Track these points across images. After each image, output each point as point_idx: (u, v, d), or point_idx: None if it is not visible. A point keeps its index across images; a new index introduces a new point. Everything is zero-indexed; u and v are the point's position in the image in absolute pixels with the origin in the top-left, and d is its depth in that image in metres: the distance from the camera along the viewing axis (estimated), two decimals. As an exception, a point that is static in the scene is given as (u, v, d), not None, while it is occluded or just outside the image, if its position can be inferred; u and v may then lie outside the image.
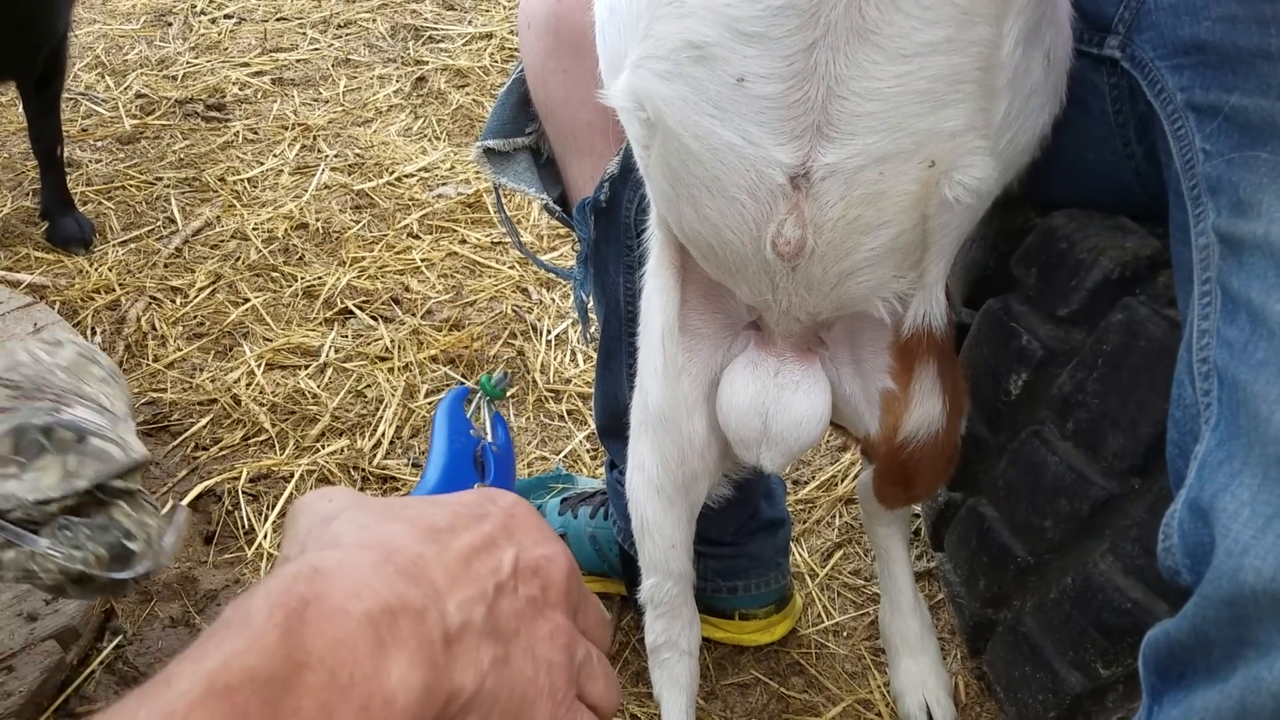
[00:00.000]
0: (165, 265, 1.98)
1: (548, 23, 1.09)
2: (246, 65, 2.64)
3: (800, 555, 1.50)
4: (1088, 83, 0.91)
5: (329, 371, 1.77)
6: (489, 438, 0.91)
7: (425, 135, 2.38)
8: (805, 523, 1.56)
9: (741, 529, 1.31)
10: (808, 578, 1.48)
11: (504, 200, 1.29)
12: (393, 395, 1.71)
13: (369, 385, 1.74)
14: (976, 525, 1.18)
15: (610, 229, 1.13)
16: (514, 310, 1.90)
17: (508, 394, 0.91)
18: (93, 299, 1.88)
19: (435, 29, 2.74)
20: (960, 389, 1.06)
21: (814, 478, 1.62)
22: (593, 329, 1.24)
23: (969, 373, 1.15)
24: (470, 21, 2.78)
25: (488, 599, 0.52)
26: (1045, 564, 1.09)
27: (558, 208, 1.19)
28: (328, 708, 0.43)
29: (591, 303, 1.22)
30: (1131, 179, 0.93)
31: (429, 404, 1.71)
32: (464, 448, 0.79)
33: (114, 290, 1.90)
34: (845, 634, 1.41)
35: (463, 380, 1.75)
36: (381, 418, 1.67)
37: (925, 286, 0.90)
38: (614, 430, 1.23)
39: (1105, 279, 0.96)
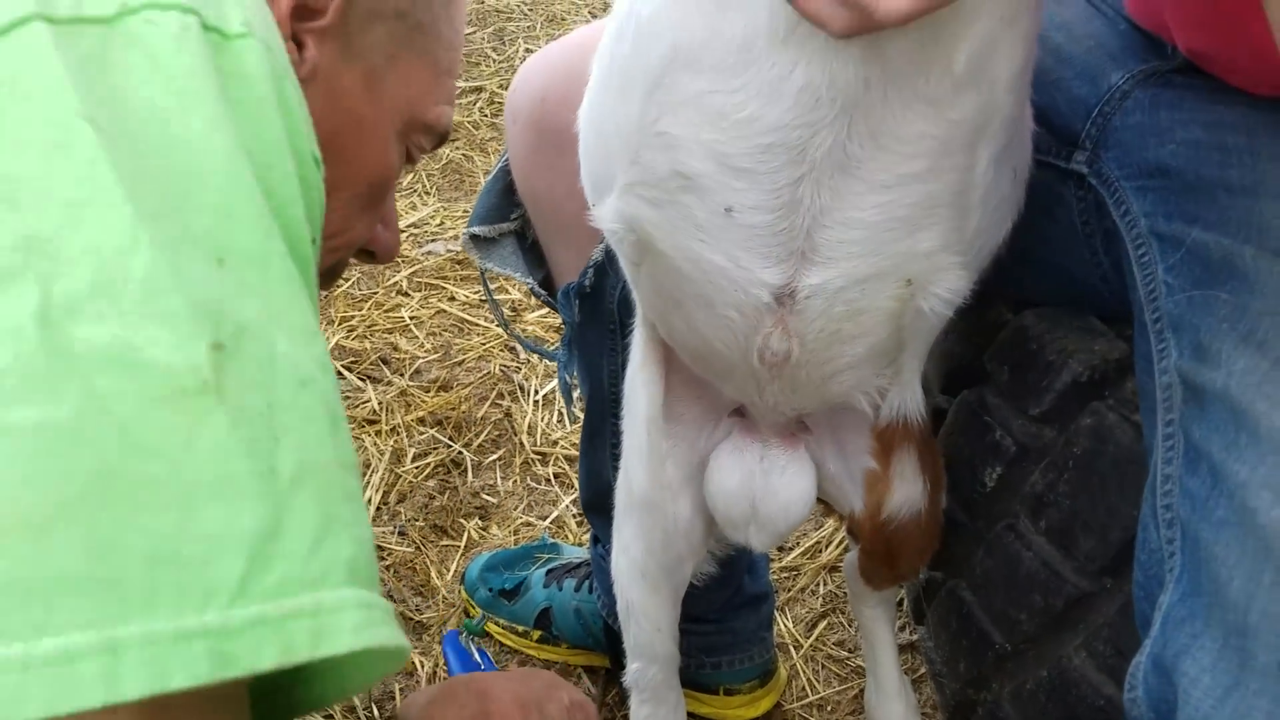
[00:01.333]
0: (156, 325, 1.99)
1: (532, 120, 1.11)
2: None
3: (784, 625, 1.52)
4: (1056, 194, 0.94)
5: (318, 436, 1.78)
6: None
7: (415, 191, 2.40)
8: (789, 590, 1.57)
9: (725, 605, 1.32)
10: (792, 649, 1.49)
11: (490, 282, 1.31)
12: (380, 460, 1.72)
13: (358, 449, 1.75)
14: (956, 608, 1.19)
15: (595, 313, 1.15)
16: (501, 370, 1.91)
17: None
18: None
19: (426, 79, 2.77)
20: (940, 470, 1.08)
21: (798, 544, 1.63)
22: (577, 407, 1.26)
23: (946, 459, 1.17)
24: (462, 75, 2.80)
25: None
26: (1022, 653, 1.10)
27: (543, 291, 1.21)
28: None
29: (576, 383, 1.24)
30: (1100, 285, 0.95)
31: (416, 468, 1.72)
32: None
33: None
34: (829, 708, 1.42)
35: (450, 442, 1.77)
36: (369, 483, 1.69)
37: (901, 383, 0.94)
38: (598, 507, 1.24)
39: (1074, 381, 0.97)
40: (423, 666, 1.45)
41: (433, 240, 2.23)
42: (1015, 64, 0.74)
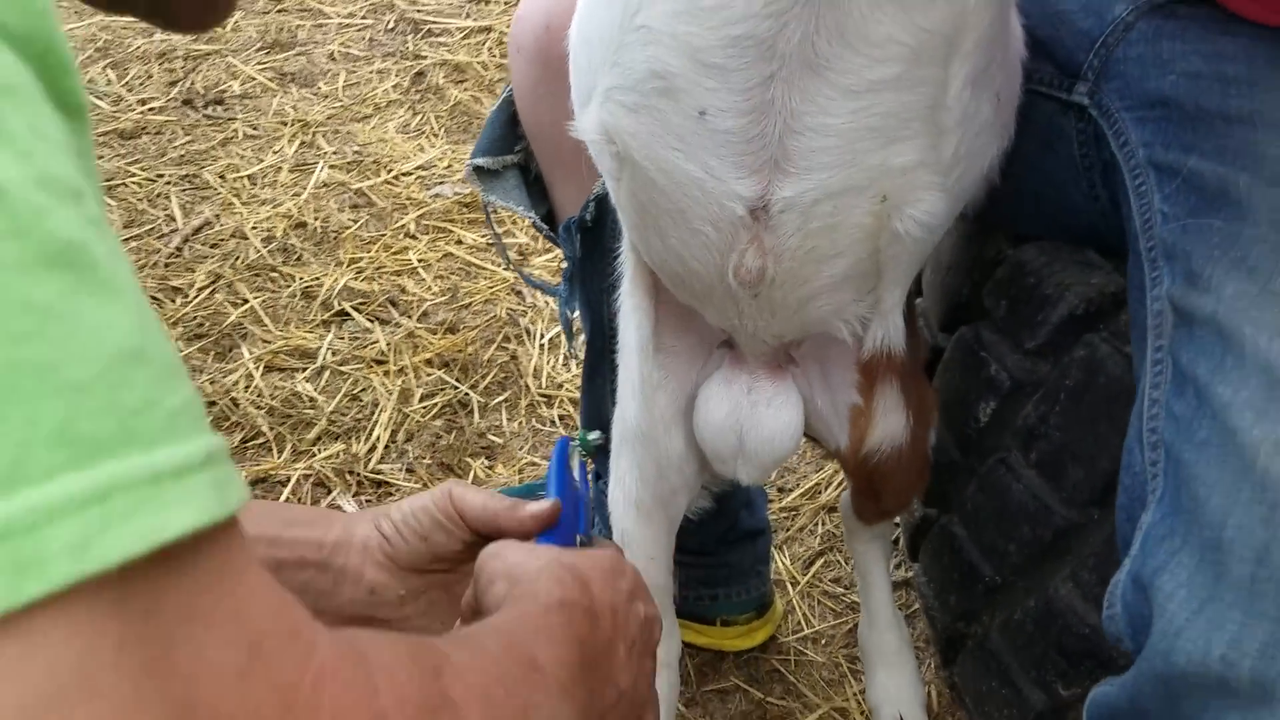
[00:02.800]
0: (166, 265, 2.01)
1: (536, 49, 1.12)
2: (248, 59, 2.66)
3: (782, 562, 1.54)
4: (1056, 126, 0.94)
5: (326, 375, 1.80)
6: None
7: (423, 132, 2.40)
8: (788, 530, 1.59)
9: (721, 539, 1.35)
10: (789, 585, 1.51)
11: (493, 215, 1.32)
12: (388, 399, 1.74)
13: (364, 389, 1.77)
14: (948, 543, 1.22)
15: (595, 247, 1.16)
16: (508, 313, 1.93)
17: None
18: (94, 298, 1.91)
19: (434, 23, 2.75)
20: (928, 406, 1.09)
21: (798, 485, 1.65)
22: (578, 343, 1.27)
23: (942, 396, 1.18)
24: (469, 15, 2.79)
25: (630, 638, 0.70)
26: (1011, 585, 1.12)
27: (544, 225, 1.22)
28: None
29: (578, 318, 1.25)
30: (1097, 220, 0.96)
31: (423, 408, 1.74)
32: (568, 489, 0.87)
33: (115, 290, 1.93)
34: (824, 642, 1.45)
35: (456, 384, 1.79)
36: (376, 422, 1.71)
37: (882, 313, 0.94)
38: (600, 443, 1.26)
39: (1070, 314, 0.99)
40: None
41: (440, 183, 2.24)
42: None
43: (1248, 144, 0.73)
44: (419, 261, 2.05)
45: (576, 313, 1.25)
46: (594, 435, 1.15)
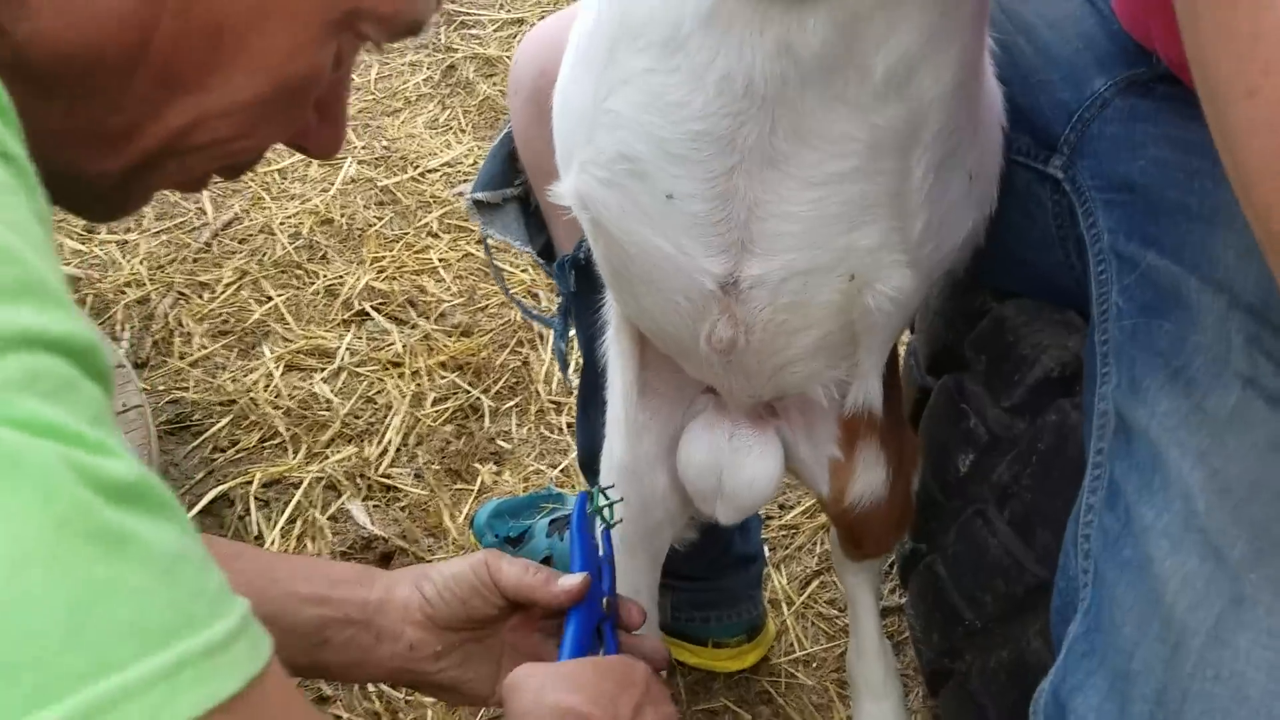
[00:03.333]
0: (194, 260, 2.06)
1: (531, 92, 1.13)
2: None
3: (778, 582, 1.56)
4: (1034, 196, 0.94)
5: (343, 376, 1.84)
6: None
7: (451, 128, 2.42)
8: (786, 549, 1.61)
9: (713, 564, 1.37)
10: (784, 605, 1.54)
11: (494, 247, 1.35)
12: (401, 402, 1.78)
13: (379, 391, 1.81)
14: (932, 582, 1.23)
15: (589, 284, 1.18)
16: (523, 317, 1.95)
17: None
18: (124, 293, 1.97)
19: (468, 14, 2.76)
20: (910, 455, 1.11)
21: (799, 503, 1.67)
22: (573, 374, 1.29)
23: (927, 439, 1.19)
24: (502, 6, 2.80)
25: None
26: (989, 631, 1.14)
27: (542, 260, 1.24)
28: None
29: (577, 350, 1.28)
30: (1073, 286, 0.96)
31: (435, 412, 1.78)
32: (593, 556, 0.94)
33: (144, 285, 1.98)
34: (815, 665, 1.48)
35: (468, 388, 1.82)
36: (389, 425, 1.75)
37: (860, 376, 0.95)
38: (592, 468, 1.29)
39: (1045, 377, 0.99)
40: (429, 605, 1.53)
41: (464, 180, 2.26)
42: (944, 84, 0.75)
43: (1204, 243, 0.73)
44: (439, 261, 2.08)
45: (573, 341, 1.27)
46: (609, 489, 1.08)
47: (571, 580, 0.90)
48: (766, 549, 1.60)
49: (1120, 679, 0.61)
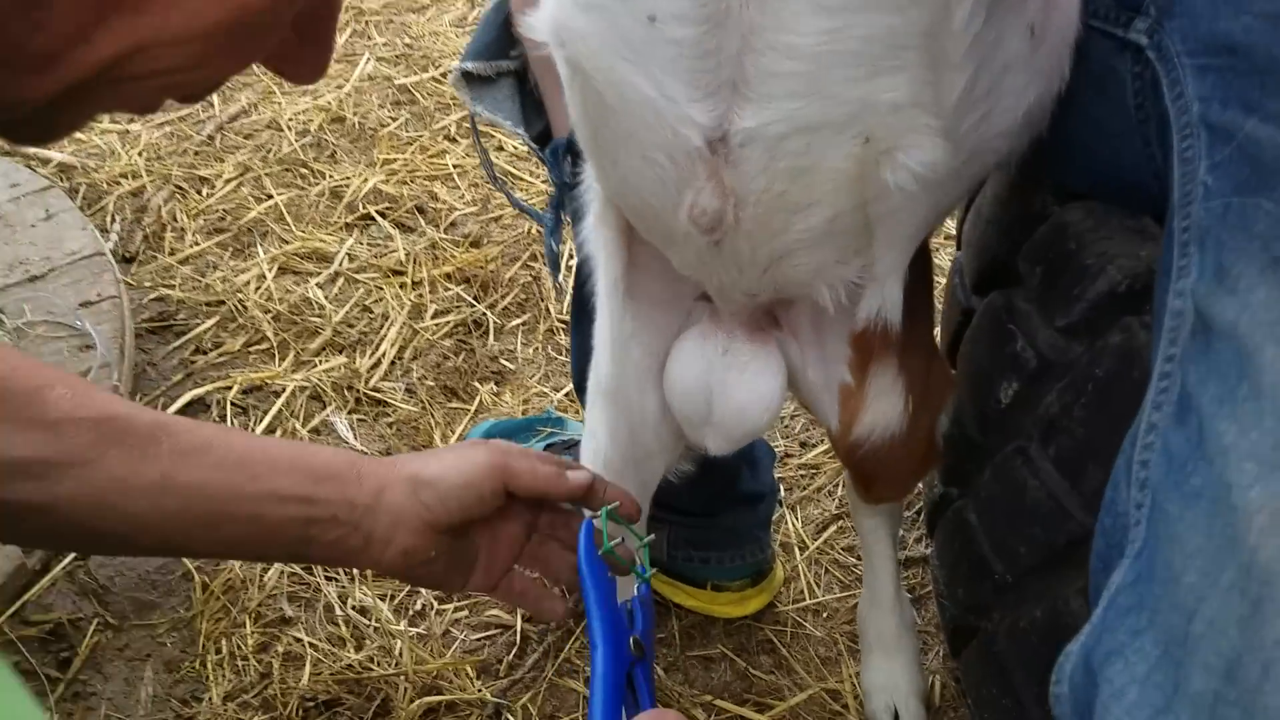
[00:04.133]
0: (195, 153, 1.94)
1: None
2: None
3: (793, 524, 1.42)
4: (1109, 68, 0.78)
5: (340, 282, 1.72)
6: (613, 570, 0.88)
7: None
8: (805, 489, 1.47)
9: (716, 500, 1.23)
10: (797, 549, 1.40)
11: (480, 129, 1.20)
12: (399, 313, 1.65)
13: (376, 300, 1.69)
14: (961, 529, 1.08)
15: (586, 173, 1.04)
16: (538, 231, 1.81)
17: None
18: (118, 184, 1.85)
19: (507, -86, 2.60)
20: (937, 387, 0.96)
21: (823, 441, 1.52)
22: (565, 279, 1.16)
23: (968, 367, 1.04)
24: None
25: None
26: (1020, 586, 0.99)
27: (535, 145, 1.10)
28: None
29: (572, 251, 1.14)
30: (1150, 180, 0.80)
31: (435, 325, 1.65)
32: (612, 598, 0.85)
33: (140, 177, 1.87)
34: (825, 615, 1.34)
35: (473, 302, 1.69)
36: (384, 337, 1.62)
37: (877, 278, 0.80)
38: (584, 389, 1.16)
39: (1110, 291, 0.83)
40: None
41: (487, 87, 2.11)
42: None
43: None
44: (454, 167, 1.94)
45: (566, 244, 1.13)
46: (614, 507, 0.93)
47: (579, 475, 0.88)
48: (783, 489, 1.46)
49: (1176, 644, 0.46)
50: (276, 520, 0.80)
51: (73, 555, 1.32)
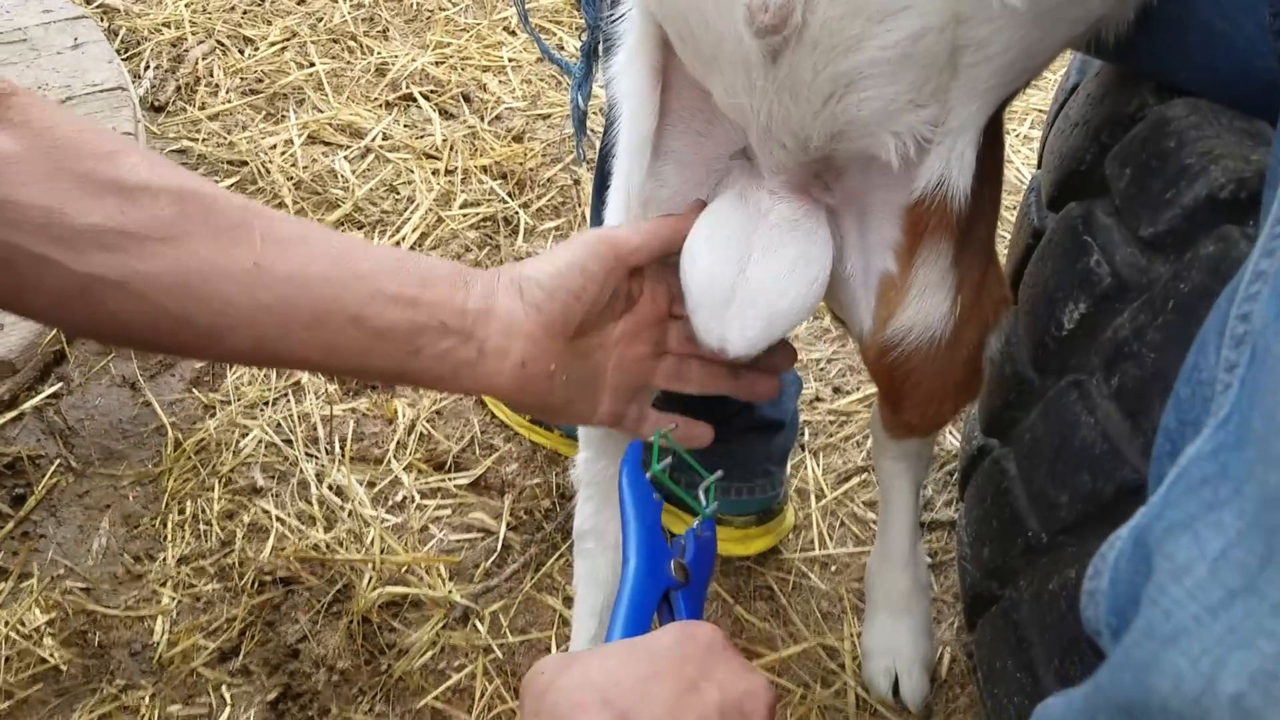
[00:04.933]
0: (244, 11, 1.85)
1: None
2: None
3: (812, 469, 1.30)
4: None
5: (369, 158, 1.62)
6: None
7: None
8: (832, 436, 1.35)
9: (727, 423, 1.11)
10: (814, 497, 1.28)
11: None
12: (426, 196, 1.55)
13: (405, 181, 1.59)
14: (995, 482, 0.96)
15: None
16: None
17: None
18: (160, 32, 1.77)
19: None
20: (991, 300, 0.83)
21: (859, 389, 1.40)
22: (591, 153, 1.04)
23: (1031, 291, 0.91)
24: None
25: None
26: (1056, 546, 0.86)
27: None
28: None
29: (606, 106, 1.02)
30: (1271, 71, 0.67)
31: (463, 214, 1.55)
32: (654, 519, 0.76)
33: (183, 27, 1.78)
34: (834, 569, 1.22)
35: (507, 198, 1.58)
36: (407, 220, 1.52)
37: (949, 131, 0.68)
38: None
39: (1210, 196, 0.70)
40: (403, 415, 1.31)
41: (559, -16, 2.00)
42: None
43: None
44: (510, 60, 1.83)
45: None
46: (670, 429, 0.86)
47: (689, 206, 0.78)
48: (808, 433, 1.35)
49: (1272, 508, 0.34)
50: (382, 324, 0.71)
51: (49, 391, 1.24)
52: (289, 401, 1.31)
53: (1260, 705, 0.32)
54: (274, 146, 1.60)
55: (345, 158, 1.60)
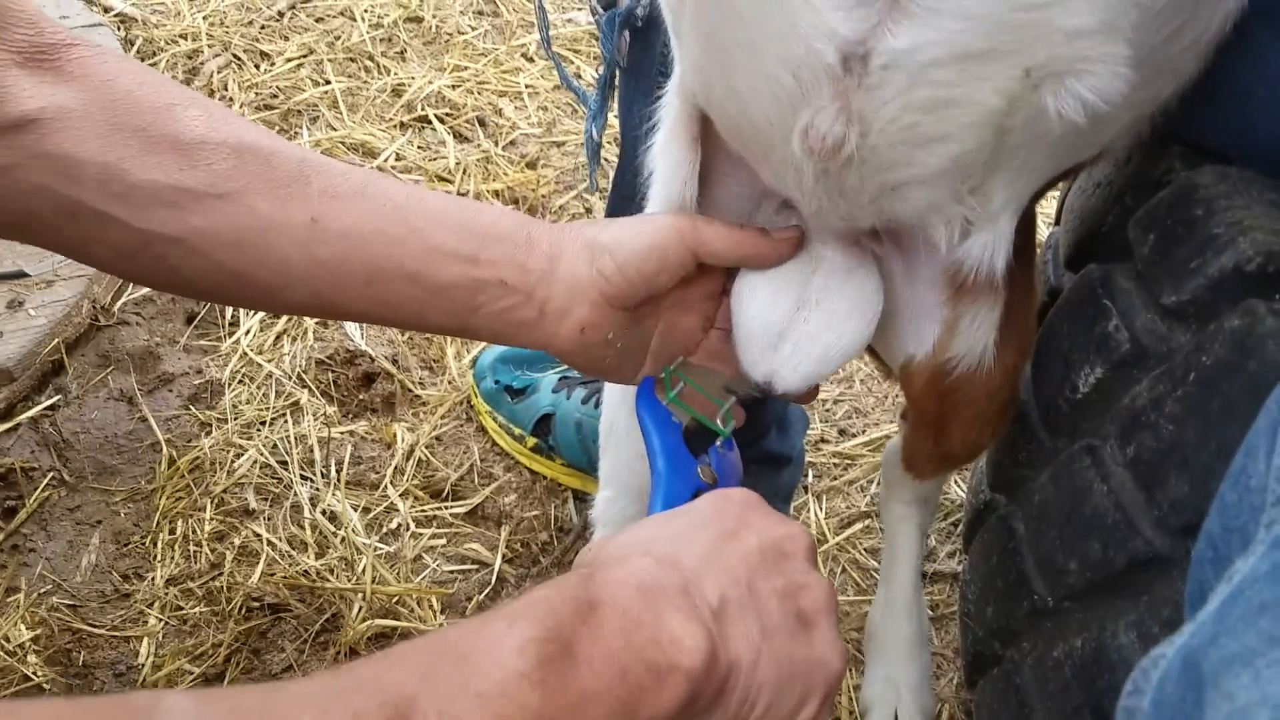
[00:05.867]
0: (262, 27, 1.85)
1: None
2: None
3: (815, 513, 1.29)
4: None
5: (381, 177, 1.61)
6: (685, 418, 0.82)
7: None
8: (836, 479, 1.33)
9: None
10: (816, 541, 1.26)
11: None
12: (436, 219, 1.54)
13: (416, 202, 1.58)
14: (1002, 540, 0.94)
15: (645, 56, 0.91)
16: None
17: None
18: (177, 43, 1.77)
19: None
20: (1027, 334, 0.83)
21: (864, 432, 1.38)
22: (602, 178, 1.03)
23: (1046, 351, 0.90)
24: None
25: (741, 581, 0.56)
26: (1062, 611, 0.84)
27: (601, 8, 0.97)
28: (625, 633, 0.48)
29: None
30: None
31: (472, 238, 1.54)
32: (676, 436, 0.77)
33: (200, 39, 1.78)
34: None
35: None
36: (416, 239, 1.51)
37: (989, 217, 0.69)
38: None
39: (1236, 268, 0.68)
40: (402, 440, 1.30)
41: (578, 9, 2.00)
42: None
43: None
44: (527, 87, 1.82)
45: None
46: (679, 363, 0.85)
47: (786, 231, 0.76)
48: (812, 475, 1.33)
49: None
50: (440, 281, 0.70)
51: (47, 403, 1.23)
52: (286, 422, 1.29)
53: None
54: (285, 162, 1.59)
55: (356, 177, 1.59)
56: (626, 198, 0.99)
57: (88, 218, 0.63)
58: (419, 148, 1.68)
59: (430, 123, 1.71)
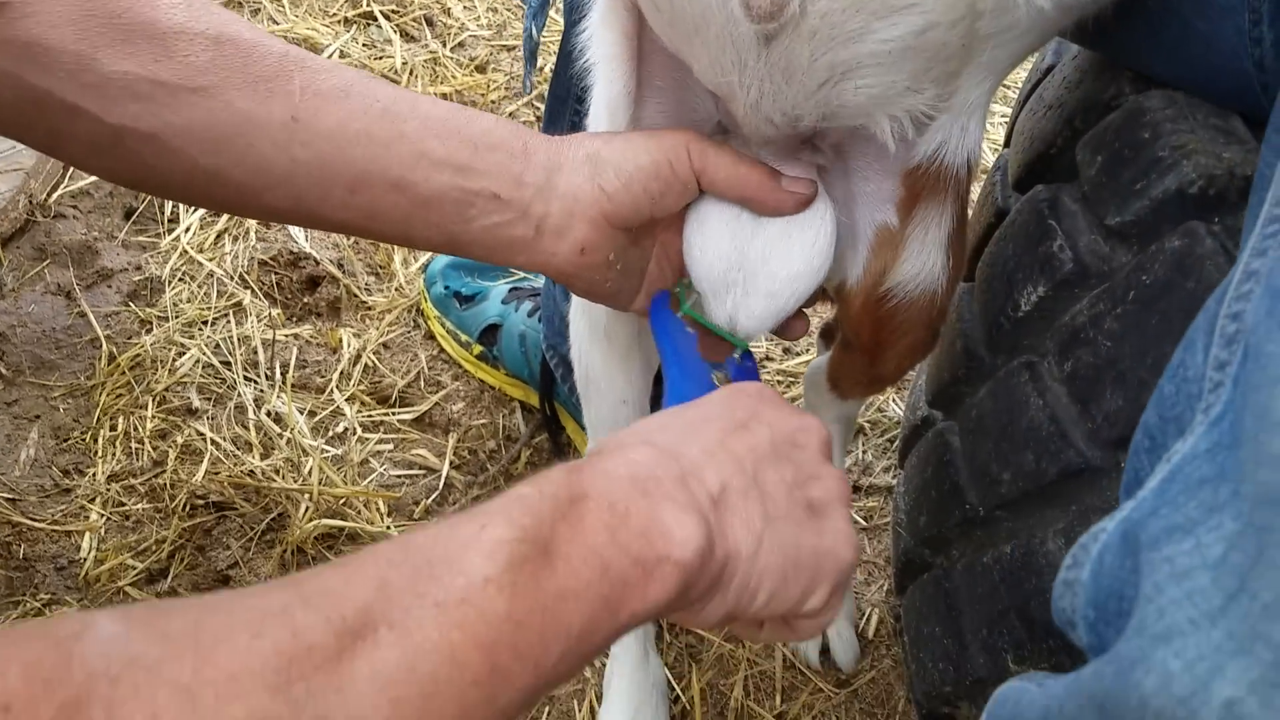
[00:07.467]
0: (201, -86, 1.78)
1: None
2: None
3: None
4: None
5: (326, 76, 1.57)
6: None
7: None
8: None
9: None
10: (755, 451, 1.29)
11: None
12: (383, 121, 1.52)
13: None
14: (939, 453, 0.97)
15: None
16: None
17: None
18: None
19: None
20: (963, 252, 0.83)
21: (809, 350, 1.40)
22: (538, 77, 1.02)
23: (989, 271, 0.92)
24: None
25: (746, 470, 0.55)
26: (992, 520, 0.88)
27: None
28: (609, 527, 0.46)
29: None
30: (1251, 71, 0.67)
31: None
32: (691, 344, 0.76)
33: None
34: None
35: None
36: (362, 141, 1.49)
37: (953, 110, 0.66)
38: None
39: (1179, 190, 0.71)
40: (348, 345, 1.29)
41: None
42: None
43: None
44: (477, -12, 1.79)
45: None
46: (690, 301, 0.82)
47: (798, 185, 0.72)
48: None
49: (1264, 507, 0.35)
50: (427, 191, 0.66)
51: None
52: (229, 323, 1.28)
53: (1256, 713, 0.33)
54: (227, 57, 1.55)
55: (301, 75, 1.56)
56: (559, 98, 0.98)
57: (56, 109, 0.60)
58: (364, 45, 1.64)
59: (376, 20, 1.67)
